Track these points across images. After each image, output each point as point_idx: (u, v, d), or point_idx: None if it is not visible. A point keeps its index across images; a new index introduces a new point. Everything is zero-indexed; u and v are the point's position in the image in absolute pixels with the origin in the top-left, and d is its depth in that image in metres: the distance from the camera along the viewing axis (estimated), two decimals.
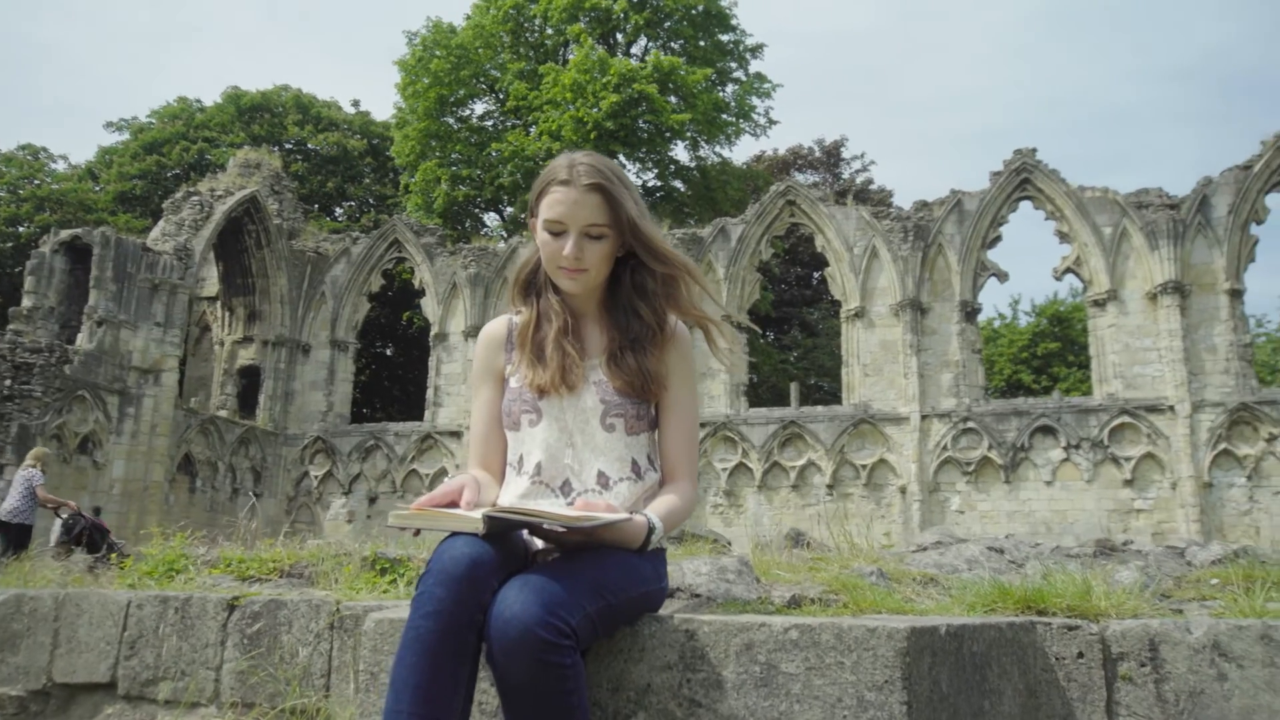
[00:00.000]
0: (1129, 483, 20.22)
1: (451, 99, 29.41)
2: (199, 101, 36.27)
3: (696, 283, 2.26)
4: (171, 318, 21.75)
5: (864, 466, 21.65)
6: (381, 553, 3.23)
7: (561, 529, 1.85)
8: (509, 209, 30.52)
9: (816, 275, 35.37)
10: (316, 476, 24.71)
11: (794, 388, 24.05)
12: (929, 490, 21.14)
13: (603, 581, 1.83)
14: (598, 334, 2.25)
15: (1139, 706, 1.95)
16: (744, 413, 22.64)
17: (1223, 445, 19.69)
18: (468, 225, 30.95)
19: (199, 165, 32.38)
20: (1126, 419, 20.37)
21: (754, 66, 30.93)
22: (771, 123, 30.45)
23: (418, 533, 2.04)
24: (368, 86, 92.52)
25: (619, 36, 30.28)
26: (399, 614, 2.01)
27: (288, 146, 33.67)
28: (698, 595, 2.45)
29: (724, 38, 30.15)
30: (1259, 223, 21.19)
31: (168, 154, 33.30)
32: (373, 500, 24.22)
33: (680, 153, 30.30)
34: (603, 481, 2.13)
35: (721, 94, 29.44)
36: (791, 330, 35.52)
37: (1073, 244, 22.16)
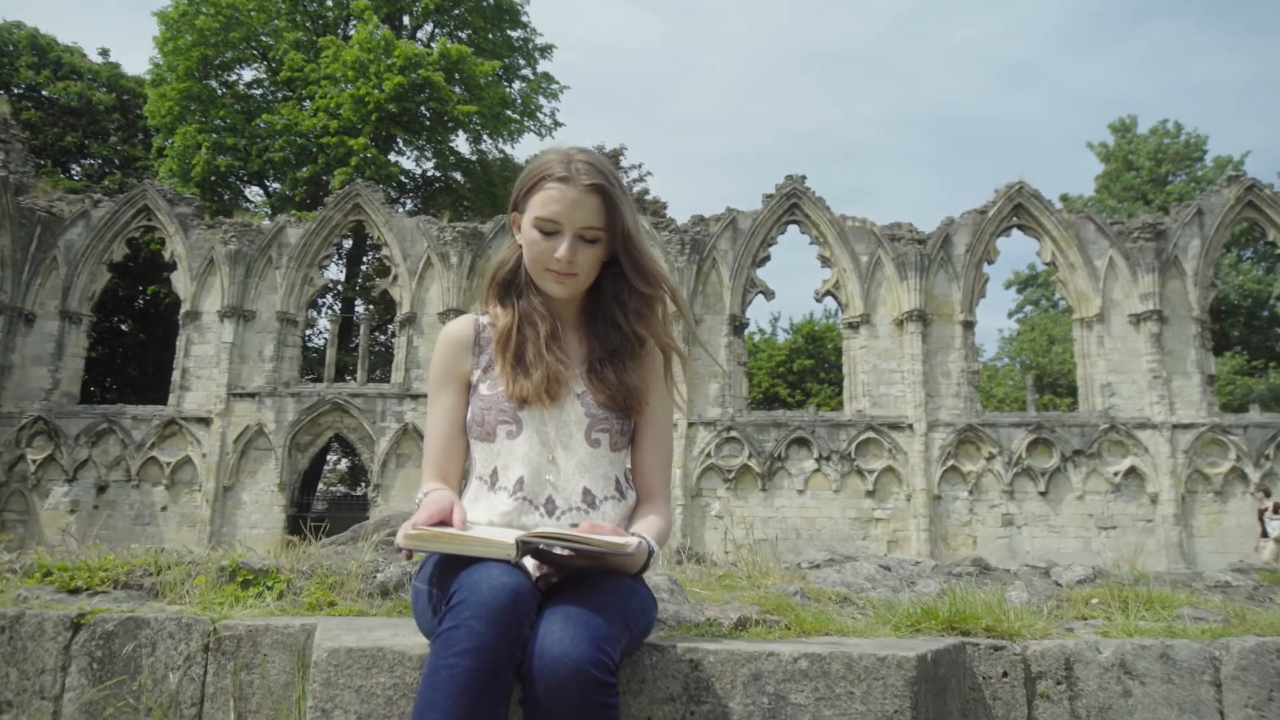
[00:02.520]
0: (870, 493, 21.80)
1: (218, 61, 27.33)
2: None
3: (678, 308, 2.17)
4: None
5: None
6: (244, 562, 2.89)
7: (569, 552, 1.71)
8: (276, 185, 28.74)
9: None
10: (35, 461, 22.16)
11: None
12: (692, 495, 21.85)
13: (628, 610, 1.71)
14: (576, 343, 2.12)
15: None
16: None
17: (951, 462, 21.62)
18: (228, 198, 28.82)
19: None
20: (872, 434, 21.94)
21: (542, 66, 30.89)
22: (558, 124, 30.53)
23: (410, 555, 1.82)
24: (120, 36, 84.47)
25: (406, 19, 29.31)
26: (358, 642, 1.79)
27: (17, 91, 30.02)
28: None
29: (514, 33, 29.89)
30: (990, 262, 23.51)
31: None
32: (102, 489, 22.03)
33: (462, 144, 29.77)
34: (589, 500, 1.99)
35: (508, 90, 29.17)
36: None
37: (833, 268, 23.63)
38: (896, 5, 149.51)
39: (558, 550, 1.72)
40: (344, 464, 35.37)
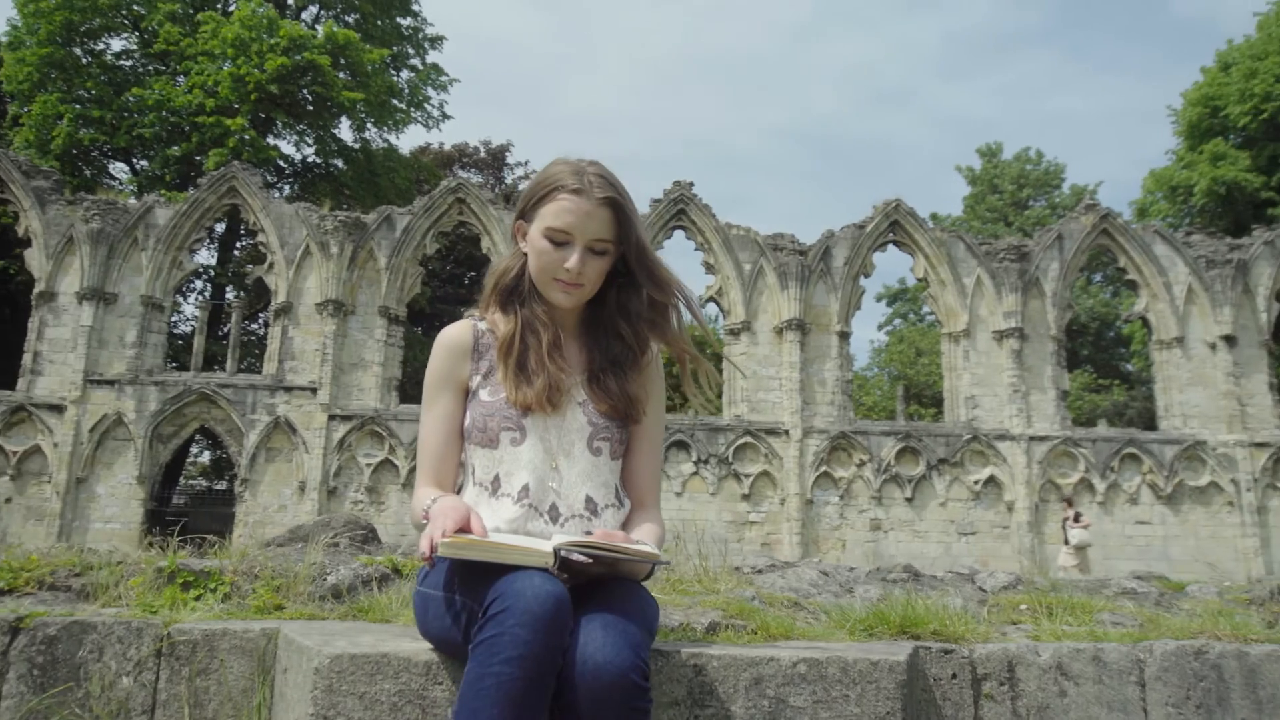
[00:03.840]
0: (746, 497, 22.26)
1: (84, 27, 25.80)
2: None
3: (693, 314, 2.19)
4: None
5: None
6: (184, 563, 2.76)
7: (588, 560, 1.73)
8: (144, 162, 27.33)
9: (472, 274, 35.37)
10: None
11: None
12: None
13: (647, 617, 1.75)
14: (576, 351, 2.14)
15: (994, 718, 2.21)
16: (394, 408, 22.06)
17: (824, 468, 22.28)
18: (91, 174, 27.23)
19: None
20: (749, 439, 22.41)
21: (432, 57, 30.38)
22: (445, 117, 30.05)
23: (433, 563, 1.79)
24: None
25: None
26: (358, 649, 1.76)
27: None
28: None
29: (404, 21, 29.29)
30: (867, 275, 24.35)
31: None
32: None
33: (345, 131, 28.98)
34: (591, 508, 2.02)
35: (396, 79, 28.54)
36: (443, 327, 35.11)
37: (717, 275, 24.03)
38: (783, 21, 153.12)
39: (576, 557, 1.74)
40: (206, 457, 33.91)
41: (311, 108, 26.41)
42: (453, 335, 2.15)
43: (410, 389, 29.01)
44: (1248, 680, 2.33)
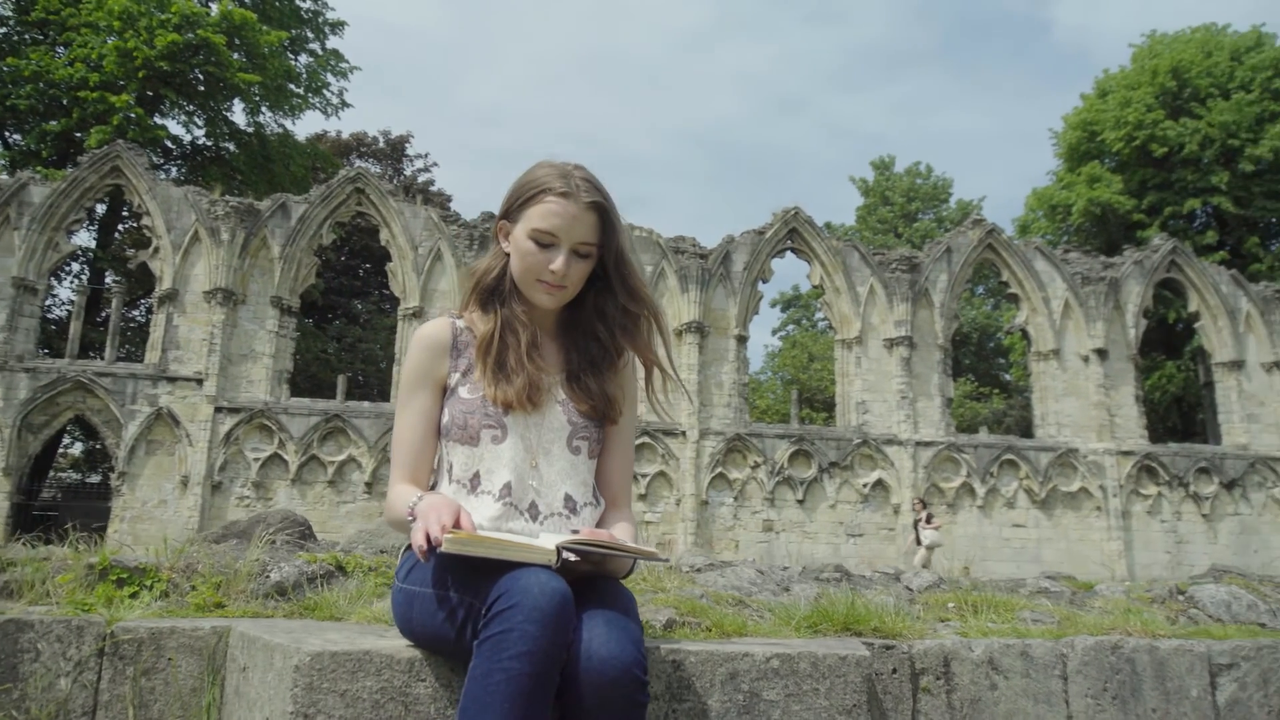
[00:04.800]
0: (643, 497, 22.40)
1: None
2: None
3: (659, 329, 2.23)
4: None
5: None
6: (117, 559, 2.64)
7: (577, 558, 1.75)
8: (18, 137, 25.86)
9: (366, 266, 34.63)
10: None
11: (341, 380, 23.29)
12: None
13: (636, 614, 1.77)
14: (554, 352, 2.16)
15: (934, 714, 2.32)
16: (285, 401, 21.45)
17: (719, 469, 22.62)
18: None
19: None
20: (647, 440, 22.57)
21: (332, 43, 29.71)
22: (345, 105, 29.29)
23: (430, 558, 1.76)
24: None
25: None
26: (338, 646, 1.73)
27: None
28: None
29: (303, 4, 28.46)
30: (765, 281, 24.82)
31: None
32: None
33: (238, 115, 27.99)
34: (570, 505, 2.04)
35: (294, 63, 27.72)
36: (336, 319, 34.31)
37: None
38: (683, 25, 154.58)
39: (569, 556, 1.76)
40: (78, 448, 32.28)
41: (203, 88, 25.44)
42: (432, 332, 2.15)
43: (301, 382, 28.27)
44: (1157, 672, 2.50)
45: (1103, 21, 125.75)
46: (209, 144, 27.99)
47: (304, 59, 28.79)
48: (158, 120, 25.97)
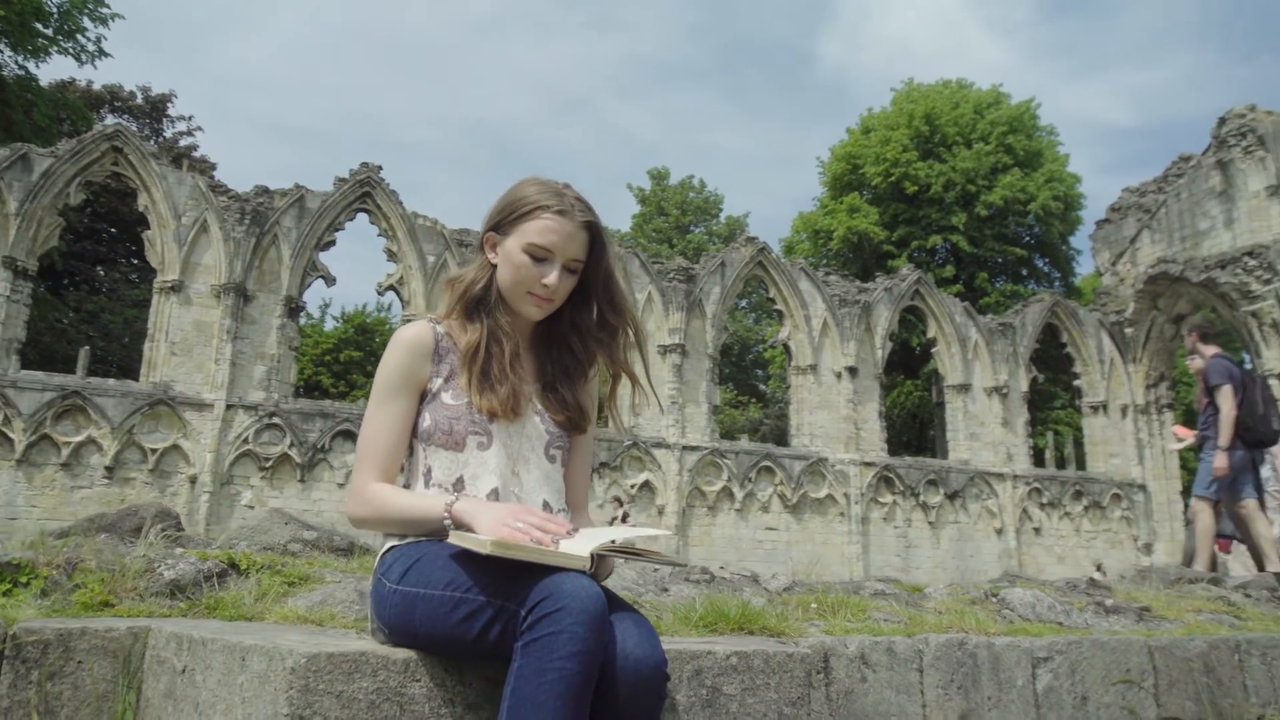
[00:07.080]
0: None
1: None
2: None
3: (638, 344, 2.30)
4: None
5: (154, 451, 20.03)
6: None
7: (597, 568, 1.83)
8: None
9: (113, 230, 31.83)
10: None
11: (83, 354, 21.32)
12: (221, 482, 20.42)
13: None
14: (530, 362, 2.22)
15: (816, 704, 2.56)
16: (14, 374, 19.37)
17: None
18: None
19: None
20: None
21: None
22: (103, 54, 26.67)
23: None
24: None
25: None
26: (333, 647, 1.70)
27: None
28: None
29: None
30: None
31: None
32: None
33: None
34: (547, 512, 2.08)
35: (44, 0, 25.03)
36: (74, 287, 31.20)
37: (399, 264, 23.57)
38: (467, 15, 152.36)
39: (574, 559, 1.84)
40: None
41: None
42: (415, 335, 2.16)
43: (30, 353, 25.53)
44: (993, 665, 2.88)
45: (859, 62, 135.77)
46: None
47: None
48: None
